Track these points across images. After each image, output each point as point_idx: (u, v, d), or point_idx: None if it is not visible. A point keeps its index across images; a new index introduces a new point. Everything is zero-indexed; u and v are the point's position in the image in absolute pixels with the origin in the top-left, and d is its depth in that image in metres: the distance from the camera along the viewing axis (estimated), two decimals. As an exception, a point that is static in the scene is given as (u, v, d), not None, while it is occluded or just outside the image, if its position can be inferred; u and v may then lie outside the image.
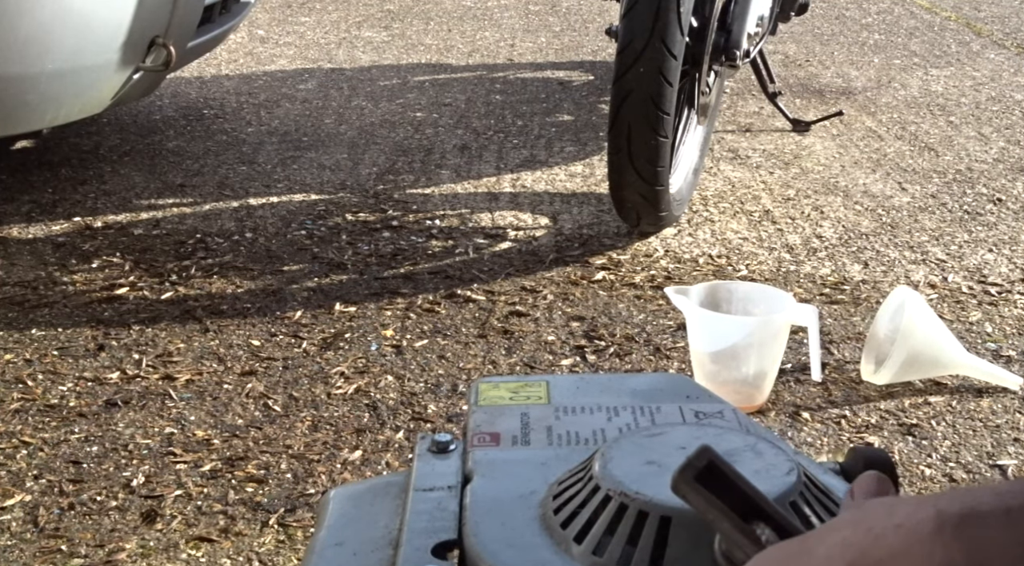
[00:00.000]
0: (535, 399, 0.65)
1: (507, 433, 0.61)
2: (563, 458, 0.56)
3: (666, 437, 0.54)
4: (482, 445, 0.60)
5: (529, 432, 0.61)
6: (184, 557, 1.34)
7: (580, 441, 0.59)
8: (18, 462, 1.53)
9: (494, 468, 0.57)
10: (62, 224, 2.36)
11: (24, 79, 2.05)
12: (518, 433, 0.61)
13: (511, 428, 0.62)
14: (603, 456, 0.51)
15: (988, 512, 0.39)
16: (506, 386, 0.67)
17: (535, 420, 0.62)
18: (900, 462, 1.55)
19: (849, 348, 1.85)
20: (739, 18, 2.31)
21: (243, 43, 4.06)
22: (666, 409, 0.62)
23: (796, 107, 3.29)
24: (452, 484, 0.57)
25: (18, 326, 1.91)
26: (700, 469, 0.41)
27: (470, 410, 0.65)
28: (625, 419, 0.62)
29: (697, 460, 0.42)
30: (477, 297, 2.03)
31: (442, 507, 0.54)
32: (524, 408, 0.64)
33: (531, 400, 0.65)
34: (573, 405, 0.64)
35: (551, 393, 0.66)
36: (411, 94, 3.42)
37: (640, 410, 0.62)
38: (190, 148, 2.88)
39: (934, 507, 0.40)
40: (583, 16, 4.67)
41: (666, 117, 2.05)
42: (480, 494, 0.55)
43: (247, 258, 2.20)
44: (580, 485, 0.51)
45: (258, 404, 1.68)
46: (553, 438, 0.60)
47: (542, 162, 2.79)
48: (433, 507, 0.54)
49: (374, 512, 0.57)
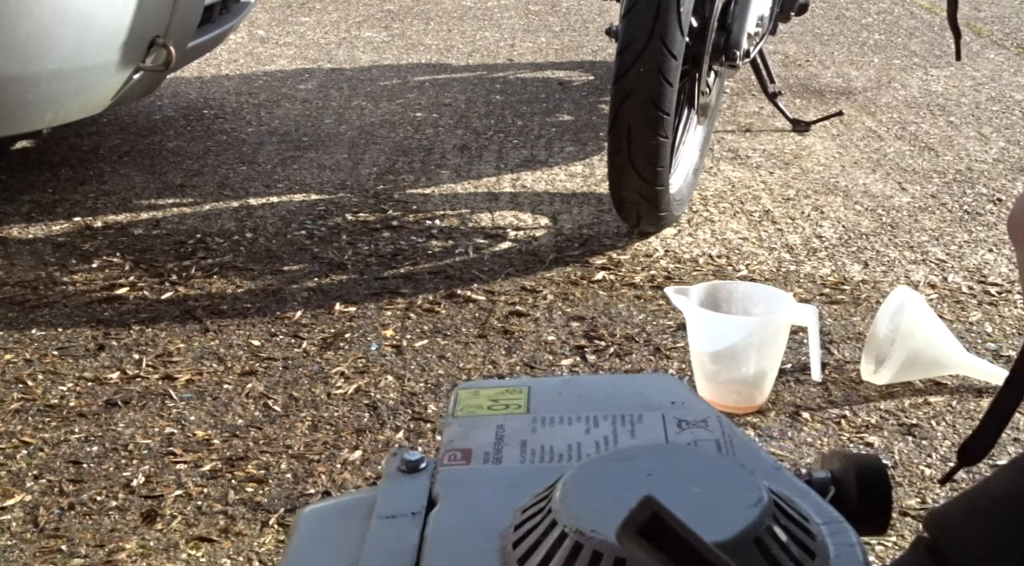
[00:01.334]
0: (513, 408, 0.62)
1: (480, 449, 0.58)
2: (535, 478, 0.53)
3: (634, 463, 0.51)
4: (452, 463, 0.57)
5: (502, 447, 0.58)
6: (184, 557, 1.34)
7: (555, 457, 0.57)
8: (18, 462, 1.53)
9: (461, 491, 0.54)
10: (62, 224, 2.36)
11: (24, 79, 2.05)
12: (491, 449, 0.58)
13: (484, 443, 0.58)
14: (564, 486, 0.49)
15: None
16: (486, 393, 0.64)
17: (510, 433, 0.59)
18: (900, 462, 1.55)
19: (849, 348, 1.85)
20: (739, 18, 2.31)
21: (243, 43, 4.06)
22: (648, 418, 0.60)
23: (796, 107, 3.29)
24: (416, 510, 0.53)
25: (18, 326, 1.91)
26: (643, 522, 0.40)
27: (445, 422, 0.62)
28: (604, 430, 0.59)
29: (639, 513, 0.40)
30: (477, 297, 2.03)
31: (402, 538, 0.51)
32: (501, 419, 0.61)
33: (509, 409, 0.62)
34: (552, 415, 0.61)
35: (531, 400, 0.62)
36: (411, 94, 3.42)
37: (621, 420, 0.60)
38: (190, 148, 2.88)
39: None
40: (583, 16, 4.67)
41: (666, 117, 2.05)
42: (441, 522, 0.52)
43: (247, 258, 2.20)
44: (539, 518, 0.49)
45: (258, 404, 1.68)
46: (527, 454, 0.57)
47: (542, 162, 2.79)
48: (393, 537, 0.51)
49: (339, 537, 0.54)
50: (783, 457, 1.56)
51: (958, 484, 1.50)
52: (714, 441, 0.57)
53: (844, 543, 0.48)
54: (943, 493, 1.48)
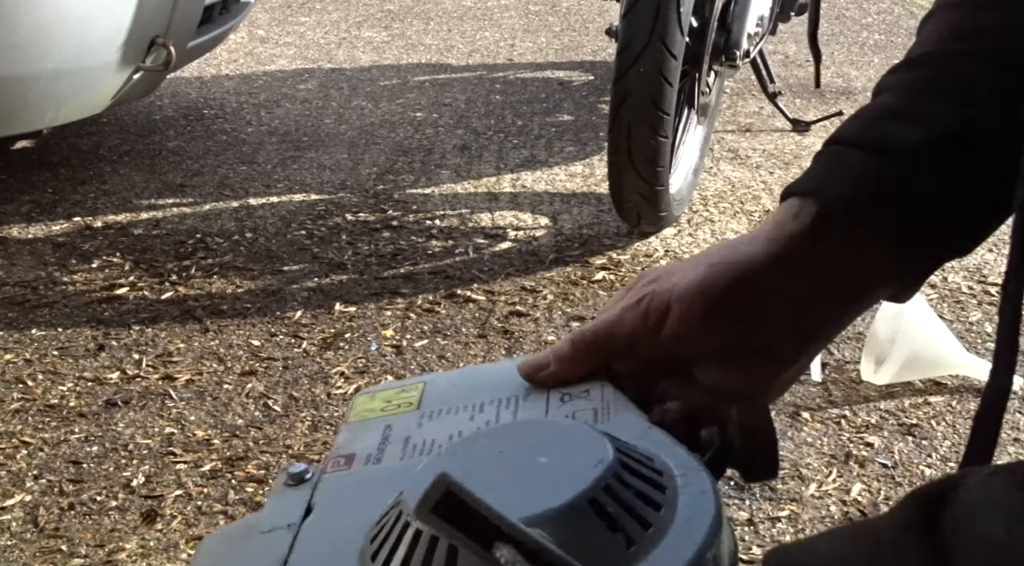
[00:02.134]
0: (405, 406, 0.61)
1: (363, 452, 0.56)
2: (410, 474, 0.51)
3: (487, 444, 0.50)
4: (335, 470, 0.55)
5: (385, 447, 0.57)
6: (184, 557, 1.34)
7: (435, 450, 0.55)
8: (18, 462, 1.53)
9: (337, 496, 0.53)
10: (62, 224, 2.36)
11: (24, 79, 2.05)
12: (374, 451, 0.57)
13: (369, 446, 0.57)
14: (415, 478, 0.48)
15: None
16: (382, 396, 0.63)
17: (396, 432, 0.58)
18: (900, 462, 1.55)
19: (849, 348, 1.85)
20: (739, 18, 2.31)
21: (243, 43, 4.06)
22: (533, 397, 0.59)
23: (796, 107, 3.29)
24: (293, 521, 0.52)
25: (18, 326, 1.91)
26: (437, 500, 0.40)
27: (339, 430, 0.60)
28: (488, 415, 0.58)
29: (433, 492, 0.40)
30: (477, 297, 2.03)
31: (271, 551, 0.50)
32: (390, 419, 0.59)
33: (401, 408, 0.61)
34: (440, 407, 0.60)
35: (424, 396, 0.61)
36: (411, 94, 3.42)
37: (505, 402, 0.59)
38: (190, 148, 2.88)
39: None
40: (583, 16, 4.67)
41: (666, 117, 2.05)
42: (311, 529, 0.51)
43: (247, 258, 2.20)
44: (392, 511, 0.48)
45: (258, 404, 1.68)
46: (408, 450, 0.56)
47: (542, 162, 2.79)
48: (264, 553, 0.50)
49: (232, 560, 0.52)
50: (783, 457, 1.56)
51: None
52: (592, 409, 0.56)
53: (697, 491, 0.47)
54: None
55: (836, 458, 1.56)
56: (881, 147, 0.58)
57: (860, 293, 0.59)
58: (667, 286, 0.58)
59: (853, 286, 0.59)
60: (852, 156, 0.59)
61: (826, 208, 0.57)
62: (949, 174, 0.57)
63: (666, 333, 0.58)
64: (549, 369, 0.60)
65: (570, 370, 0.59)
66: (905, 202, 0.57)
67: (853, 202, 0.57)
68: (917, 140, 0.57)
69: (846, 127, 0.61)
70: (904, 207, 0.57)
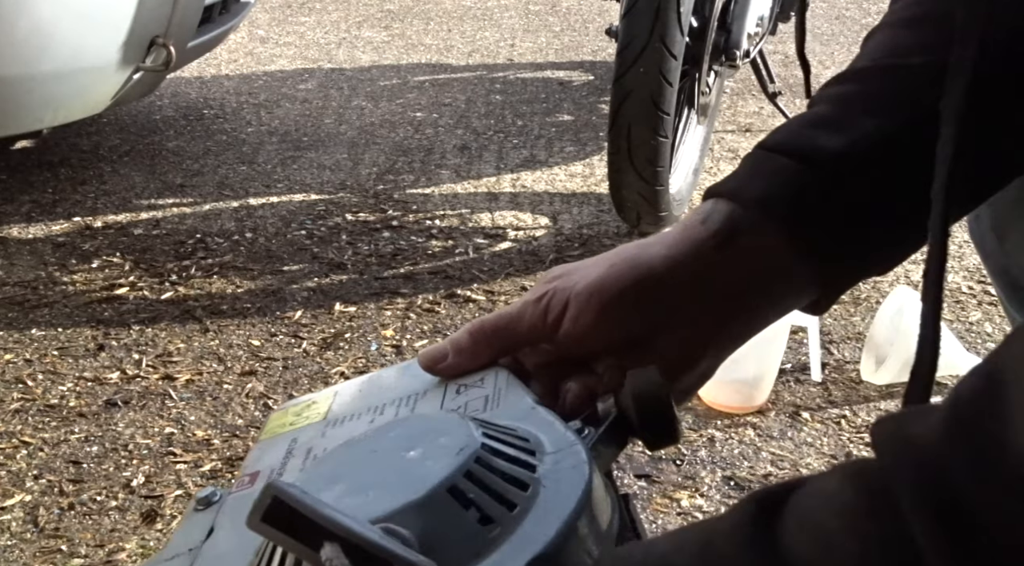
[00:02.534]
0: (314, 417, 0.60)
1: (267, 469, 0.56)
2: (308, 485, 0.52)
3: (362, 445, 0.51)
4: (240, 489, 0.55)
5: (288, 461, 0.56)
6: (184, 557, 1.34)
7: None
8: (18, 462, 1.53)
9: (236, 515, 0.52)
10: (62, 224, 2.36)
11: (24, 79, 2.05)
12: (277, 466, 0.56)
13: (273, 462, 0.57)
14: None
15: None
16: (293, 410, 0.62)
17: (300, 444, 0.58)
18: (900, 462, 1.55)
19: (849, 348, 1.85)
20: (739, 18, 2.31)
21: (243, 43, 4.06)
22: (431, 393, 0.59)
23: (796, 107, 3.29)
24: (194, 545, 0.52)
25: (18, 326, 1.91)
26: (266, 509, 0.40)
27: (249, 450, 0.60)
28: (387, 416, 0.58)
29: (261, 501, 0.40)
30: (477, 297, 2.03)
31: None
32: (296, 433, 0.59)
33: (309, 420, 0.60)
34: (345, 414, 0.59)
35: (332, 405, 0.61)
36: (411, 94, 3.42)
37: (405, 401, 0.59)
38: (190, 148, 2.88)
39: None
40: (583, 16, 4.67)
41: (666, 117, 2.05)
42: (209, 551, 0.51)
43: (247, 258, 2.20)
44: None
45: (258, 404, 1.68)
46: (309, 461, 0.56)
47: (542, 162, 2.79)
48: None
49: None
50: (783, 457, 1.56)
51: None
52: (484, 397, 0.56)
53: (568, 466, 0.47)
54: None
55: (836, 458, 1.56)
56: (803, 154, 0.58)
57: (768, 300, 0.59)
58: (568, 283, 0.58)
59: (760, 293, 0.58)
60: (774, 161, 0.58)
61: (740, 210, 0.57)
62: (868, 185, 0.57)
63: (564, 330, 0.58)
64: (448, 360, 0.60)
65: (468, 361, 0.59)
66: (822, 210, 0.57)
67: (768, 205, 0.57)
68: (838, 149, 0.57)
69: (775, 134, 0.61)
70: (820, 214, 0.57)
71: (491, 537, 0.44)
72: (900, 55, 0.61)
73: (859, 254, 0.58)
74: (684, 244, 0.57)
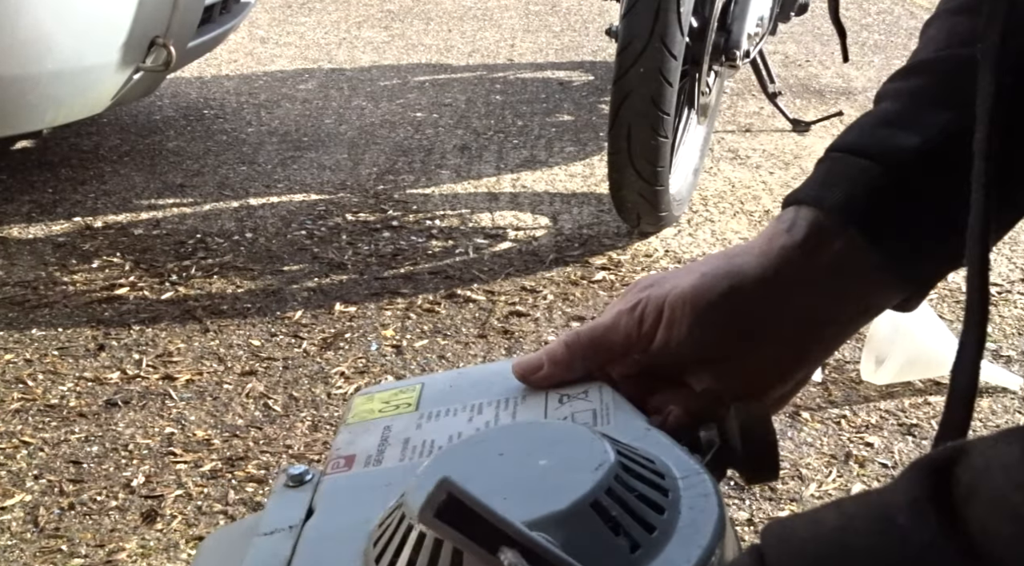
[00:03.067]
0: (403, 408, 0.61)
1: (363, 454, 0.57)
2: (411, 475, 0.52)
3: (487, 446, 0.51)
4: (335, 471, 0.56)
5: (385, 449, 0.57)
6: (184, 557, 1.34)
7: (435, 451, 0.55)
8: (18, 462, 1.53)
9: (337, 497, 0.53)
10: (62, 224, 2.36)
11: (24, 79, 2.05)
12: (374, 452, 0.57)
13: (368, 447, 0.57)
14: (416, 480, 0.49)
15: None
16: (380, 397, 0.63)
17: (395, 433, 0.58)
18: (900, 462, 1.55)
19: (849, 348, 1.85)
20: (739, 18, 2.31)
21: (243, 43, 4.06)
22: (531, 398, 0.59)
23: (796, 107, 3.29)
24: (294, 523, 0.52)
25: (18, 326, 1.91)
26: (440, 504, 0.40)
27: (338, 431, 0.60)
28: (487, 416, 0.58)
29: (436, 495, 0.40)
30: (477, 297, 2.03)
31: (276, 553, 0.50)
32: (389, 420, 0.60)
33: (399, 409, 0.61)
34: (439, 409, 0.60)
35: (421, 397, 0.61)
36: (411, 94, 3.42)
37: (504, 404, 0.59)
38: (190, 148, 2.88)
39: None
40: (583, 16, 4.67)
41: (666, 117, 2.05)
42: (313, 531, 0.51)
43: (247, 258, 2.20)
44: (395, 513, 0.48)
45: (258, 404, 1.68)
46: (408, 452, 0.56)
47: (542, 162, 2.79)
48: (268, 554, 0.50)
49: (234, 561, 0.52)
50: (783, 457, 1.56)
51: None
52: (591, 411, 0.56)
53: (699, 494, 0.47)
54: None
55: (836, 458, 1.56)
56: (879, 154, 0.58)
57: (859, 304, 0.59)
58: (661, 292, 0.58)
59: (851, 297, 0.58)
60: (850, 163, 0.58)
61: (823, 217, 0.57)
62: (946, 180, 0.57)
63: (659, 339, 0.58)
64: (543, 371, 0.60)
65: (564, 373, 0.59)
66: (904, 210, 0.57)
67: (851, 210, 0.57)
68: (914, 147, 0.57)
69: (846, 135, 0.61)
70: (902, 215, 0.57)
71: (633, 557, 0.44)
72: (960, 44, 0.60)
73: (944, 250, 0.58)
74: (773, 253, 0.57)
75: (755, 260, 0.57)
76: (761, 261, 0.57)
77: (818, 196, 0.58)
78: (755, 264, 0.57)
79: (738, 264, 0.58)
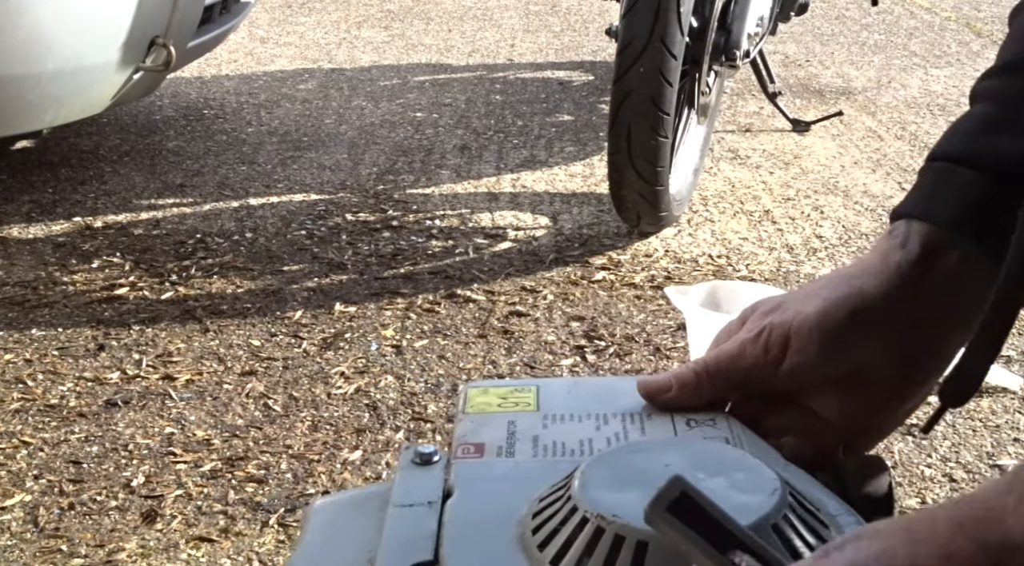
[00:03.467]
0: (523, 406, 0.63)
1: (492, 444, 0.59)
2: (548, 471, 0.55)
3: (651, 454, 0.52)
4: (466, 456, 0.58)
5: (515, 442, 0.59)
6: (184, 557, 1.34)
7: (566, 452, 0.58)
8: (18, 462, 1.53)
9: (476, 482, 0.56)
10: (62, 224, 2.36)
11: (25, 79, 2.05)
12: (503, 444, 0.59)
13: (497, 438, 0.60)
14: (583, 475, 0.50)
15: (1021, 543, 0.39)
16: (495, 392, 0.65)
17: (522, 429, 0.61)
18: (900, 462, 1.55)
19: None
20: (739, 18, 2.32)
21: (243, 43, 4.06)
22: (657, 417, 0.61)
23: (796, 107, 3.29)
24: (433, 499, 0.55)
25: (18, 326, 1.91)
26: (672, 500, 0.41)
27: (457, 418, 0.63)
28: (614, 428, 0.60)
29: (668, 491, 0.41)
30: (477, 297, 2.03)
31: (420, 525, 0.53)
32: (512, 416, 0.62)
33: (519, 407, 0.63)
34: (562, 413, 0.62)
35: (540, 399, 0.64)
36: (411, 94, 3.42)
37: (630, 418, 0.61)
38: (190, 148, 2.88)
39: (972, 540, 0.39)
40: (583, 16, 4.67)
41: (666, 117, 2.05)
42: (459, 511, 0.53)
43: (247, 258, 2.20)
44: (559, 505, 0.50)
45: (258, 404, 1.68)
46: (539, 449, 0.58)
47: (542, 162, 2.79)
48: (411, 525, 0.53)
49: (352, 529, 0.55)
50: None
51: (958, 484, 1.50)
52: (723, 439, 0.58)
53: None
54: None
55: (836, 458, 1.56)
56: (987, 164, 0.57)
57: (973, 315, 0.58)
58: (785, 318, 0.58)
59: (969, 310, 0.58)
60: (958, 174, 0.58)
61: (936, 231, 0.57)
62: None
63: (786, 366, 0.58)
64: (671, 393, 0.60)
65: (692, 397, 0.60)
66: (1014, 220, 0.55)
67: (964, 223, 0.56)
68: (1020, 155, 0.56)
69: (949, 141, 0.60)
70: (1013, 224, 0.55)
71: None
72: None
73: None
74: (890, 271, 0.58)
75: (875, 280, 0.58)
76: (880, 280, 0.58)
77: (929, 210, 0.58)
78: (875, 284, 0.58)
79: (858, 286, 0.58)
